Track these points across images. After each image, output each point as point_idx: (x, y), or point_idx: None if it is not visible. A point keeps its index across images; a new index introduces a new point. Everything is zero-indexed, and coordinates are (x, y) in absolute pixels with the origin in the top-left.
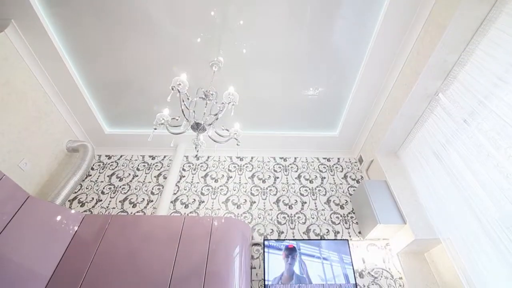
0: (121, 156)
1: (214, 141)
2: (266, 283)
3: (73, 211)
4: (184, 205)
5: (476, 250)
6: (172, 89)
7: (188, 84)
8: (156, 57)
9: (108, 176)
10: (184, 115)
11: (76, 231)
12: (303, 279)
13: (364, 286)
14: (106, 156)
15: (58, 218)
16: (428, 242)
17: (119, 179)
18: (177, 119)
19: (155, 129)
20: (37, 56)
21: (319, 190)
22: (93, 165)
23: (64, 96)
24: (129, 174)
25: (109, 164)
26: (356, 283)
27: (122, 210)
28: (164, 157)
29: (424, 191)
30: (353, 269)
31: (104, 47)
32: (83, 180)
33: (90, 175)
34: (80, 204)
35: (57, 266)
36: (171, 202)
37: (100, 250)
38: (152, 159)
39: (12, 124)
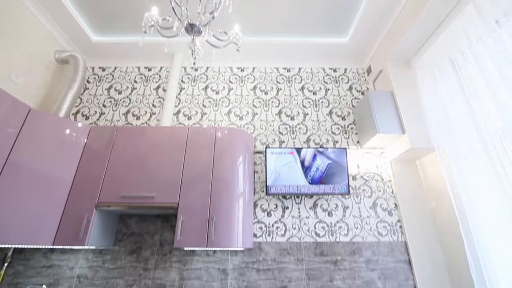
0: (115, 68)
1: (212, 45)
2: (267, 183)
3: (80, 124)
4: (187, 117)
5: (468, 159)
6: None
7: None
8: None
9: (106, 89)
10: (176, 14)
11: (86, 142)
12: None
13: (356, 187)
14: (100, 68)
15: (66, 130)
16: (422, 151)
17: (117, 92)
18: (168, 20)
19: (145, 32)
20: None
21: (322, 102)
22: (88, 78)
23: None
24: (127, 87)
25: (104, 76)
26: (348, 184)
27: (126, 122)
28: (161, 68)
29: (429, 101)
30: (347, 173)
31: None
32: (82, 94)
33: (88, 88)
34: (84, 117)
35: (76, 173)
36: (174, 114)
37: (112, 158)
38: (148, 70)
39: None
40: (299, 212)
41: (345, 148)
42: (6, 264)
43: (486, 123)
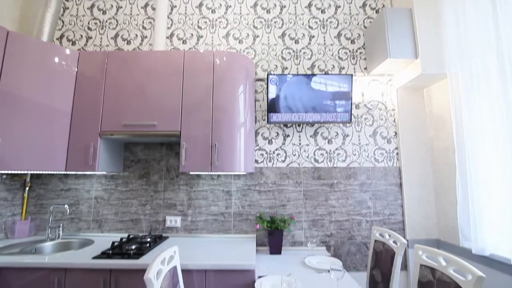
0: None
1: None
2: (268, 112)
3: (68, 51)
4: (181, 41)
5: (480, 87)
6: None
7: None
8: None
9: (88, 8)
10: None
11: (77, 70)
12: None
13: (358, 115)
14: None
15: (54, 56)
16: (432, 77)
17: (101, 12)
18: None
19: None
20: None
21: (330, 22)
22: None
23: None
24: (112, 5)
25: None
26: (351, 113)
27: (117, 48)
28: None
29: (452, 20)
30: (351, 101)
31: None
32: (62, 15)
33: (68, 8)
34: (70, 42)
35: (73, 103)
36: (167, 37)
37: (107, 87)
38: None
39: None
40: (299, 140)
41: (351, 75)
42: (27, 188)
43: (511, 47)
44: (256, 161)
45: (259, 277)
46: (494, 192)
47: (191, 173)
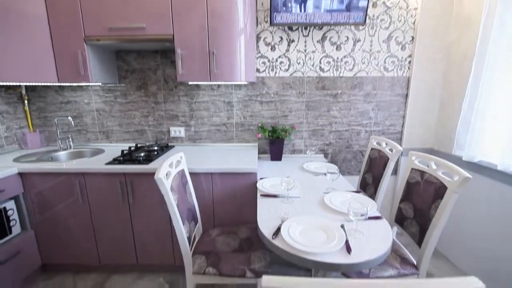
0: None
1: None
2: (272, 11)
3: None
4: None
5: None
6: None
7: None
8: None
9: None
10: None
11: None
12: None
13: (374, 16)
14: None
15: None
16: None
17: None
18: None
19: None
20: None
21: None
22: None
23: None
24: None
25: None
26: (366, 12)
27: None
28: None
29: None
30: None
31: None
32: None
33: None
34: None
35: (46, 4)
36: None
37: None
38: None
39: None
40: (305, 46)
41: None
42: (26, 101)
43: None
44: (258, 70)
45: (261, 178)
46: (503, 104)
47: (190, 83)
